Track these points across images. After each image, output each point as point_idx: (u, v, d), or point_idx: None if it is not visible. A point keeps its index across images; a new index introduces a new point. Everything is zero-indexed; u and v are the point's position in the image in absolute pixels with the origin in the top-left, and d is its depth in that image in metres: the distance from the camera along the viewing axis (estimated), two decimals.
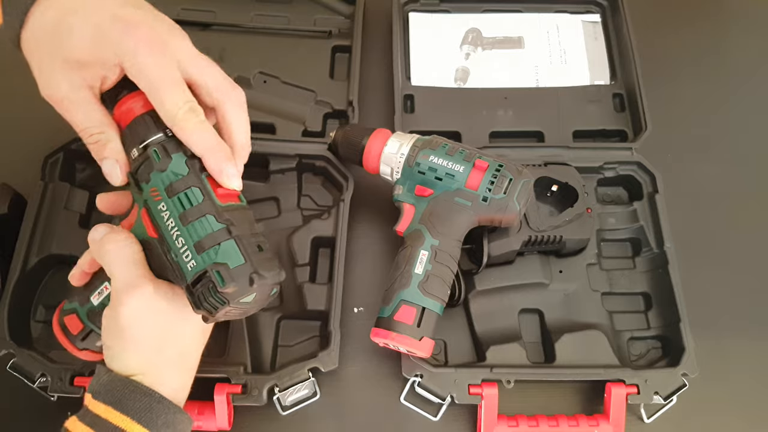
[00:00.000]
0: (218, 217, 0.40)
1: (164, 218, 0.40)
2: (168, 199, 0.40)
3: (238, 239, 0.40)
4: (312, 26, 0.73)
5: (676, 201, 0.63)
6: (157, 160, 0.41)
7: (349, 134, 0.59)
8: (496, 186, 0.52)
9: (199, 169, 0.41)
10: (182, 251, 0.40)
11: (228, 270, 0.38)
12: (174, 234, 0.40)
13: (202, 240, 0.39)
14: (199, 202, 0.40)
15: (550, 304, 0.60)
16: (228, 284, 0.38)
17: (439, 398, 0.55)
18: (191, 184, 0.40)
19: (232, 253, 0.39)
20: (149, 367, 0.42)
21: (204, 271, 0.39)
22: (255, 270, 0.39)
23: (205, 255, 0.39)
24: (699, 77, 0.76)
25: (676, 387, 0.54)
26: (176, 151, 0.41)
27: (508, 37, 0.74)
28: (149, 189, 0.41)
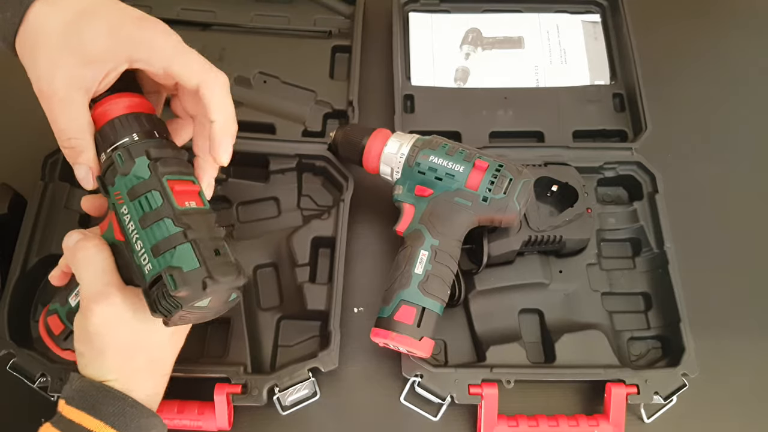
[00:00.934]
0: (176, 220, 0.39)
1: (126, 221, 0.40)
2: (129, 202, 0.40)
3: (195, 243, 0.39)
4: (312, 26, 0.73)
5: (676, 201, 0.63)
6: (121, 164, 0.41)
7: (349, 134, 0.59)
8: (496, 186, 0.52)
9: (161, 172, 0.41)
10: (141, 254, 0.40)
11: (181, 274, 0.38)
12: (134, 237, 0.40)
13: (159, 243, 0.39)
14: (158, 205, 0.40)
15: (550, 304, 0.60)
16: (180, 288, 0.38)
17: (439, 398, 0.55)
18: (151, 188, 0.40)
19: (187, 257, 0.39)
20: (121, 374, 0.43)
21: (159, 274, 0.38)
22: (209, 274, 0.38)
23: (161, 258, 0.39)
24: (699, 77, 0.76)
25: (676, 387, 0.54)
26: (140, 155, 0.41)
27: (508, 37, 0.74)
28: (114, 193, 0.41)
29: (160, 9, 0.73)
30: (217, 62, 0.69)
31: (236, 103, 0.67)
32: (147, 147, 0.41)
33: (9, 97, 0.71)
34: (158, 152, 0.42)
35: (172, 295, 0.38)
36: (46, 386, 0.52)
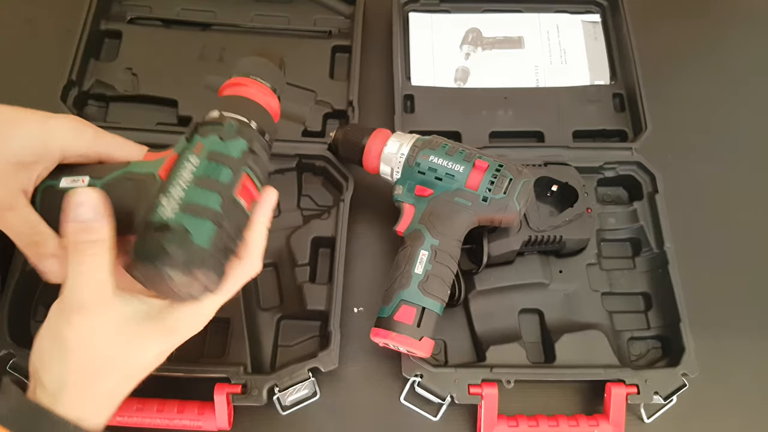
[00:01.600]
0: (224, 202, 0.39)
1: (186, 168, 0.40)
2: (205, 159, 0.40)
3: (219, 231, 0.39)
4: (312, 26, 0.73)
5: (676, 201, 0.63)
6: (227, 131, 0.42)
7: (349, 134, 0.59)
8: (496, 186, 0.52)
9: (247, 163, 0.42)
10: (174, 198, 0.39)
11: (188, 239, 0.37)
12: (181, 183, 0.39)
13: (195, 205, 0.38)
14: (223, 181, 0.40)
15: (550, 304, 0.60)
16: (178, 249, 0.37)
17: (439, 398, 0.55)
18: (230, 165, 0.40)
19: (204, 235, 0.38)
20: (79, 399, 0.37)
21: (171, 225, 0.37)
22: (203, 260, 0.38)
23: (185, 215, 0.38)
24: (699, 77, 0.76)
25: (676, 387, 0.54)
26: (246, 138, 0.42)
27: (508, 37, 0.74)
28: (197, 142, 0.41)
29: (160, 9, 0.73)
30: (217, 62, 0.70)
31: None
32: (254, 138, 0.43)
33: (9, 97, 0.71)
34: (258, 148, 0.43)
35: (166, 249, 0.37)
36: None
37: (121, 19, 0.71)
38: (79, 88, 0.66)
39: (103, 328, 0.37)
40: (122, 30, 0.71)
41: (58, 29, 0.71)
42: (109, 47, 0.71)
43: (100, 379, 0.38)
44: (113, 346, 0.38)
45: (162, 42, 0.71)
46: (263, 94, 0.45)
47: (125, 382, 0.39)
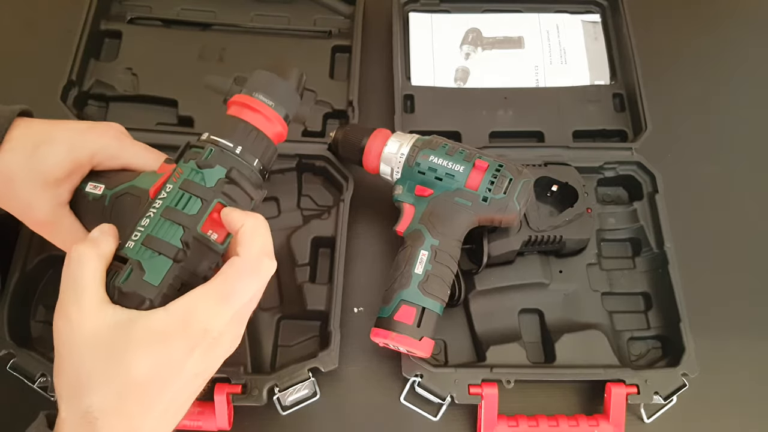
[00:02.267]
0: (185, 236, 0.39)
1: (160, 196, 0.40)
2: (177, 188, 0.40)
3: (175, 267, 0.39)
4: (312, 26, 0.73)
5: (676, 201, 0.63)
6: (205, 157, 0.41)
7: (349, 134, 0.59)
8: (496, 186, 0.52)
9: (220, 193, 0.41)
10: (138, 230, 0.39)
11: (139, 277, 0.38)
12: (150, 213, 0.40)
13: (154, 238, 0.39)
14: (189, 213, 0.40)
15: (550, 304, 0.60)
16: (127, 286, 0.37)
17: (439, 398, 0.55)
18: (200, 196, 0.40)
19: (158, 271, 0.38)
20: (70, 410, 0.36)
21: (129, 258, 0.38)
22: (152, 298, 0.38)
23: (142, 249, 0.38)
24: (699, 77, 0.76)
25: (676, 387, 0.54)
26: (224, 167, 0.41)
27: (508, 37, 0.74)
28: (178, 168, 0.42)
29: (160, 9, 0.73)
30: (217, 62, 0.70)
31: None
32: (235, 167, 0.42)
33: (9, 96, 0.71)
34: (238, 177, 0.41)
35: (116, 285, 0.37)
36: (46, 386, 0.52)
37: (121, 19, 0.71)
38: (79, 88, 0.66)
39: (81, 333, 0.36)
40: (122, 30, 0.71)
41: (58, 29, 0.70)
42: (109, 47, 0.71)
43: (85, 392, 0.35)
44: (92, 353, 0.35)
45: (162, 42, 0.71)
46: (264, 118, 0.44)
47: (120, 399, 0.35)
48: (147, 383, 0.35)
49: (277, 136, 0.45)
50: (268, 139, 0.44)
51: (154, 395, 0.36)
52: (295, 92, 0.46)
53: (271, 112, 0.44)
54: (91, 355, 0.35)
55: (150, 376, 0.35)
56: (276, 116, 0.44)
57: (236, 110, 0.44)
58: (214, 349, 0.38)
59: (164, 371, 0.36)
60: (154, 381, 0.36)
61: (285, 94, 0.45)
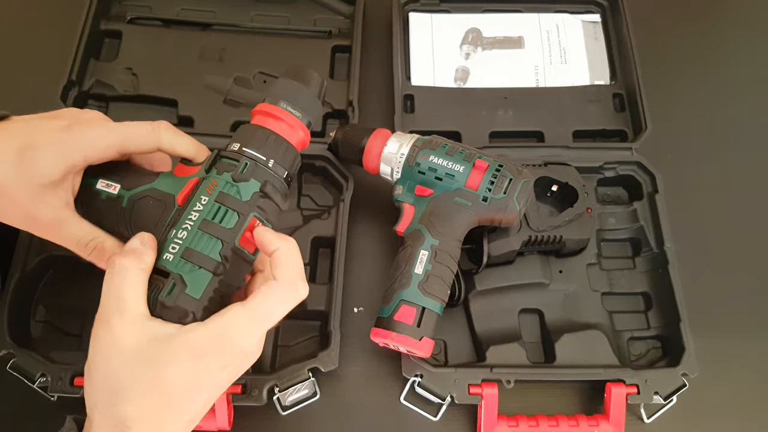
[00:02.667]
0: (224, 250, 0.40)
1: (194, 207, 0.40)
2: (213, 201, 0.40)
3: (215, 281, 0.39)
4: (312, 26, 0.73)
5: (676, 201, 0.63)
6: (241, 171, 0.41)
7: (349, 134, 0.59)
8: (496, 186, 0.52)
9: (256, 207, 0.41)
10: (176, 241, 0.39)
11: (182, 290, 0.38)
12: (187, 225, 0.40)
13: (195, 252, 0.39)
14: (227, 227, 0.40)
15: (550, 304, 0.60)
16: (170, 300, 0.38)
17: (439, 398, 0.55)
18: (237, 209, 0.40)
19: (199, 284, 0.39)
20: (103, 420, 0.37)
21: (169, 272, 0.39)
22: (195, 311, 0.38)
23: (182, 263, 0.39)
24: (699, 77, 0.76)
25: (676, 387, 0.54)
26: (259, 180, 0.42)
27: (508, 37, 0.74)
28: (212, 180, 0.41)
29: (160, 9, 0.73)
30: (217, 62, 0.70)
31: (236, 103, 0.68)
32: (269, 180, 0.42)
33: (8, 96, 0.71)
34: (271, 191, 0.42)
35: (159, 298, 0.38)
36: (46, 386, 0.52)
37: (121, 19, 0.71)
38: (79, 88, 0.66)
39: (122, 344, 0.36)
40: (122, 30, 0.71)
41: (58, 29, 0.70)
42: (109, 47, 0.71)
43: (121, 401, 0.36)
44: (131, 365, 0.36)
45: (162, 42, 0.71)
46: (290, 128, 0.44)
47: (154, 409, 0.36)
48: (181, 395, 0.37)
49: (300, 144, 0.45)
50: (295, 149, 0.44)
51: (185, 405, 0.37)
52: (317, 99, 0.46)
53: (297, 122, 0.44)
54: (131, 366, 0.36)
55: (184, 388, 0.37)
56: (300, 125, 0.45)
57: (262, 120, 0.44)
58: (244, 364, 0.40)
59: (198, 384, 0.37)
60: (187, 393, 0.37)
61: (308, 102, 0.45)
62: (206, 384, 0.38)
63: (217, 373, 0.38)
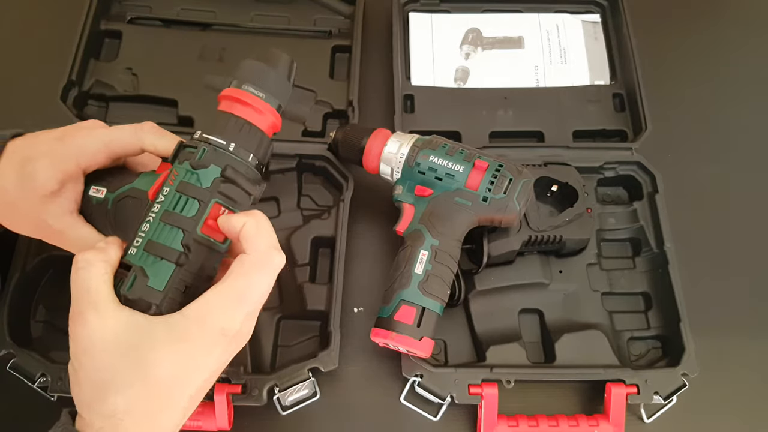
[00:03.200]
0: (185, 239, 0.39)
1: (158, 200, 0.40)
2: (174, 191, 0.40)
3: (178, 271, 0.39)
4: (312, 26, 0.73)
5: (676, 201, 0.63)
6: (198, 158, 0.40)
7: (349, 134, 0.59)
8: (496, 186, 0.52)
9: (217, 193, 0.40)
10: (140, 235, 0.39)
11: (143, 283, 0.38)
12: (150, 217, 0.39)
13: (156, 243, 0.39)
14: (187, 215, 0.39)
15: (550, 304, 0.60)
16: (129, 292, 0.38)
17: (439, 398, 0.55)
18: (197, 197, 0.40)
19: (162, 276, 0.38)
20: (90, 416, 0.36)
21: (132, 265, 0.38)
22: (158, 303, 0.38)
23: (144, 255, 0.38)
24: (699, 77, 0.76)
25: (676, 387, 0.54)
26: (219, 165, 0.40)
27: (508, 37, 0.74)
28: (174, 170, 0.41)
29: (160, 9, 0.73)
30: (217, 62, 0.70)
31: None
32: (230, 164, 0.41)
33: (10, 96, 0.71)
34: (234, 175, 0.41)
35: (121, 293, 0.38)
36: (46, 386, 0.52)
37: (121, 19, 0.71)
38: (79, 88, 0.66)
39: (101, 337, 0.36)
40: (122, 30, 0.71)
41: (58, 29, 0.70)
42: (109, 47, 0.71)
43: (109, 395, 0.35)
44: (113, 356, 0.36)
45: (162, 42, 0.71)
46: (255, 111, 0.42)
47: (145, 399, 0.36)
48: (170, 383, 0.36)
49: (270, 128, 0.44)
50: (262, 132, 0.43)
51: (176, 394, 0.37)
52: (286, 81, 0.45)
53: (262, 104, 0.43)
54: (114, 356, 0.36)
55: (172, 375, 0.36)
56: (267, 107, 0.43)
57: (227, 105, 0.43)
58: (231, 346, 0.39)
59: (185, 371, 0.37)
60: (176, 380, 0.36)
61: (276, 84, 0.44)
62: (193, 369, 0.37)
63: (203, 357, 0.37)
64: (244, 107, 0.43)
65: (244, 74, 0.43)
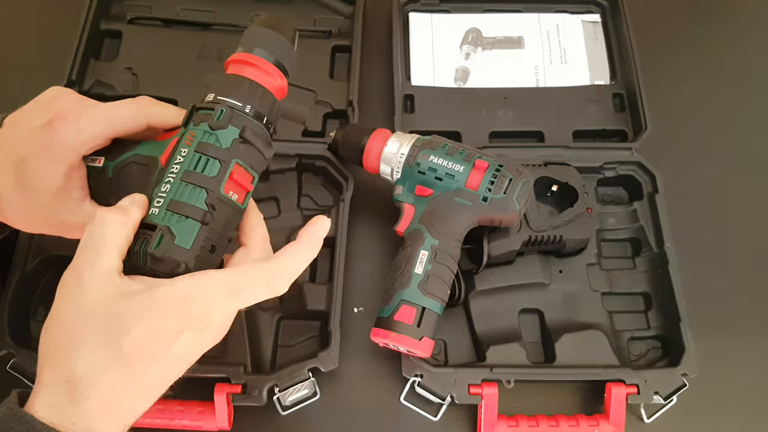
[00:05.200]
0: (209, 198, 0.39)
1: (175, 161, 0.40)
2: (193, 151, 0.40)
3: (203, 229, 0.39)
4: (312, 26, 0.73)
5: (676, 201, 0.63)
6: (217, 119, 0.41)
7: (349, 134, 0.59)
8: (496, 186, 0.52)
9: (237, 153, 0.41)
10: (160, 196, 0.39)
11: (170, 241, 0.38)
12: (169, 178, 0.40)
13: (179, 202, 0.39)
14: (209, 175, 0.40)
15: (550, 304, 0.60)
16: (157, 251, 0.37)
17: (439, 398, 0.55)
18: (218, 157, 0.40)
19: (188, 234, 0.38)
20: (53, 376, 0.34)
21: (155, 225, 0.38)
22: (187, 261, 0.38)
23: (168, 214, 0.38)
24: (699, 77, 0.76)
25: (676, 387, 0.54)
26: (237, 126, 0.41)
27: (508, 37, 0.74)
28: (190, 131, 0.41)
29: (160, 9, 0.73)
30: (217, 62, 0.70)
31: None
32: (247, 125, 0.41)
33: (9, 95, 0.71)
34: (251, 137, 0.41)
35: (148, 251, 0.37)
36: None
37: (121, 19, 0.71)
38: (79, 87, 0.66)
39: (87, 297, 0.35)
40: (122, 30, 0.71)
41: (58, 29, 0.70)
42: (109, 47, 0.71)
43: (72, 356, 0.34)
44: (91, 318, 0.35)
45: (162, 42, 0.71)
46: (265, 74, 0.43)
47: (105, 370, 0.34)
48: (134, 355, 0.35)
49: (279, 91, 0.45)
50: (272, 94, 0.44)
51: (137, 371, 0.35)
52: (291, 45, 0.45)
53: (272, 67, 0.44)
54: (90, 319, 0.35)
55: (138, 348, 0.35)
56: (277, 71, 0.44)
57: (237, 68, 0.43)
58: (202, 335, 0.37)
59: (152, 347, 0.35)
60: (140, 356, 0.35)
61: (282, 49, 0.44)
62: (160, 347, 0.35)
63: (172, 336, 0.36)
64: (254, 70, 0.43)
65: (251, 40, 0.44)
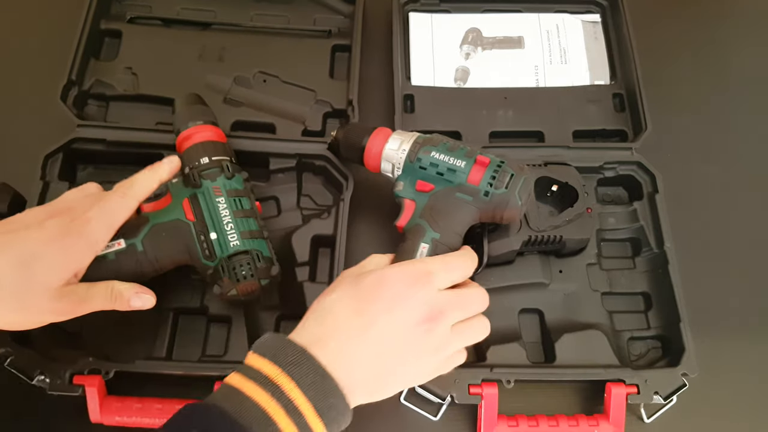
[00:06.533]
0: (258, 222, 0.54)
1: (219, 208, 0.52)
2: (228, 197, 0.53)
3: (269, 241, 0.54)
4: (312, 26, 0.73)
5: (676, 201, 0.63)
6: (228, 170, 0.54)
7: (349, 133, 0.59)
8: (498, 181, 0.52)
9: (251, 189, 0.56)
10: (228, 232, 0.51)
11: (262, 255, 0.52)
12: (225, 219, 0.52)
13: (246, 231, 0.52)
14: (248, 208, 0.54)
15: (550, 304, 0.60)
16: (262, 263, 0.52)
17: (439, 398, 0.55)
18: (244, 195, 0.54)
19: (264, 248, 0.53)
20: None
21: (245, 250, 0.51)
22: (272, 263, 0.53)
23: (248, 241, 0.52)
24: (699, 77, 0.76)
25: (676, 387, 0.54)
26: (239, 173, 0.55)
27: (508, 37, 0.74)
28: (212, 186, 0.53)
29: (160, 8, 0.73)
30: (217, 62, 0.70)
31: (236, 102, 0.68)
32: (240, 172, 0.56)
33: (9, 95, 0.71)
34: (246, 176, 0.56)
35: (257, 267, 0.51)
36: (46, 385, 0.52)
37: (121, 19, 0.71)
38: (79, 87, 0.66)
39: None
40: (122, 30, 0.70)
41: (58, 29, 0.70)
42: (109, 47, 0.71)
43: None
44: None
45: (162, 42, 0.71)
46: (212, 132, 0.57)
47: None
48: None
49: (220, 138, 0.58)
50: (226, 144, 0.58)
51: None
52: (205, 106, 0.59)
53: (211, 127, 0.57)
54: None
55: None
56: (211, 128, 0.57)
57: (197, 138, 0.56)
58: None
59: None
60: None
61: (204, 111, 0.58)
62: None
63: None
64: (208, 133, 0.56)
65: (184, 118, 0.57)
